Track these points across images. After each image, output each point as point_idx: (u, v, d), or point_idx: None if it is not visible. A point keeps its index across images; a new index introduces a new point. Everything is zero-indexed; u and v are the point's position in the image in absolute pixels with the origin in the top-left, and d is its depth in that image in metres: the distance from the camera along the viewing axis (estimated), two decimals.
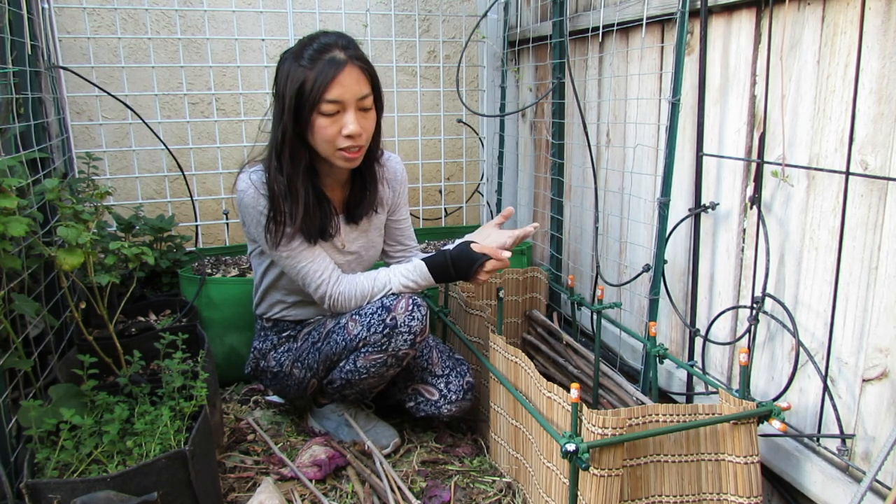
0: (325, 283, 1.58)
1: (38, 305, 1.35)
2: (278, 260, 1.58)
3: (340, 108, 1.44)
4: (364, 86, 1.46)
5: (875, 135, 1.20)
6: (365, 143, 1.51)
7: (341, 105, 1.44)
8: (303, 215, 1.52)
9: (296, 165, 1.50)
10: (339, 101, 1.43)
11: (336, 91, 1.42)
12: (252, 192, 1.52)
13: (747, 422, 1.23)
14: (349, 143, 1.47)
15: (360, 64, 1.45)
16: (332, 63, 1.42)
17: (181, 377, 1.37)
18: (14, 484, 1.16)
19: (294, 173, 1.50)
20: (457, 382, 1.67)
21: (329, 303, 1.59)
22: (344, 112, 1.45)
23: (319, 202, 1.56)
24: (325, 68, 1.41)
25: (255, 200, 1.52)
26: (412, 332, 1.51)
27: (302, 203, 1.51)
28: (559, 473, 1.28)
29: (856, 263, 1.25)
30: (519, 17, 2.50)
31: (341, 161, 1.50)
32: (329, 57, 1.42)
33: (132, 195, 2.41)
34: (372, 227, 1.72)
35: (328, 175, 1.60)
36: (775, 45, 1.39)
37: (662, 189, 1.62)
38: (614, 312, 2.03)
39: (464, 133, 2.79)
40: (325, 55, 1.43)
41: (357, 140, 1.47)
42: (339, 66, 1.42)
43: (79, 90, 2.24)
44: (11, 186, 1.18)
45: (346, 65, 1.43)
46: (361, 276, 1.60)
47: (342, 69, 1.42)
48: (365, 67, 1.47)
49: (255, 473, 1.58)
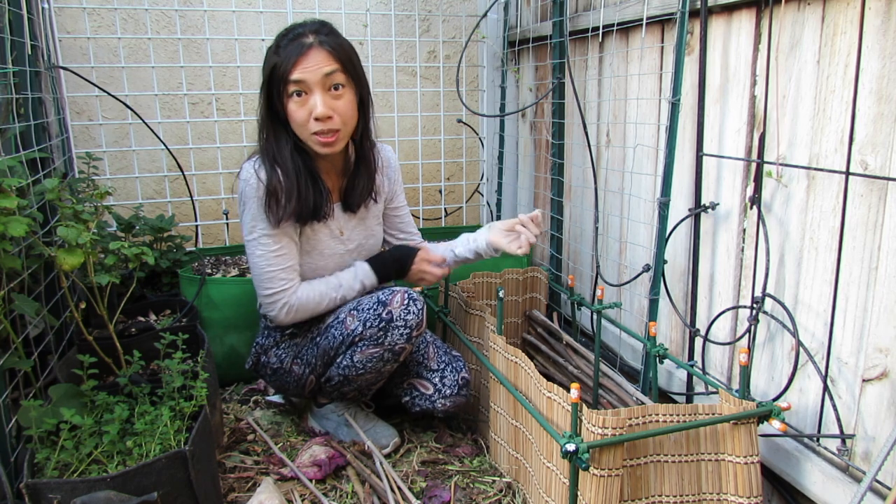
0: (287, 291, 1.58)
1: (38, 305, 1.35)
2: (256, 247, 1.57)
3: (305, 89, 1.46)
4: (330, 67, 1.46)
5: (875, 135, 1.20)
6: (340, 126, 1.51)
7: (305, 85, 1.46)
8: (296, 194, 1.53)
9: (282, 146, 1.54)
10: (302, 80, 1.45)
11: (298, 72, 1.45)
12: (254, 182, 1.54)
13: (747, 422, 1.23)
14: (320, 125, 1.48)
15: (327, 46, 1.47)
16: (298, 46, 1.46)
17: (181, 377, 1.37)
18: (14, 484, 1.16)
19: (280, 154, 1.54)
20: (452, 377, 1.67)
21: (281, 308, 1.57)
22: (311, 94, 1.47)
23: (314, 181, 1.58)
24: (291, 51, 1.45)
25: (257, 189, 1.54)
26: (408, 325, 1.52)
27: (293, 179, 1.53)
28: (559, 473, 1.28)
29: (856, 263, 1.25)
30: (519, 17, 2.50)
31: (317, 146, 1.52)
32: (297, 42, 1.46)
33: (132, 195, 2.41)
34: (370, 215, 1.73)
35: (319, 158, 1.61)
36: (775, 45, 1.39)
37: (662, 189, 1.63)
38: (614, 312, 2.03)
39: (464, 133, 2.79)
40: (295, 41, 1.46)
41: (328, 122, 1.48)
42: (304, 48, 1.45)
43: (79, 90, 2.24)
44: (11, 186, 1.18)
45: (312, 47, 1.46)
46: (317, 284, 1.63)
47: (306, 50, 1.45)
48: (333, 49, 1.47)
49: (255, 473, 1.58)
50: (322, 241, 1.65)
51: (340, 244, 1.67)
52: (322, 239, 1.64)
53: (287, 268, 1.58)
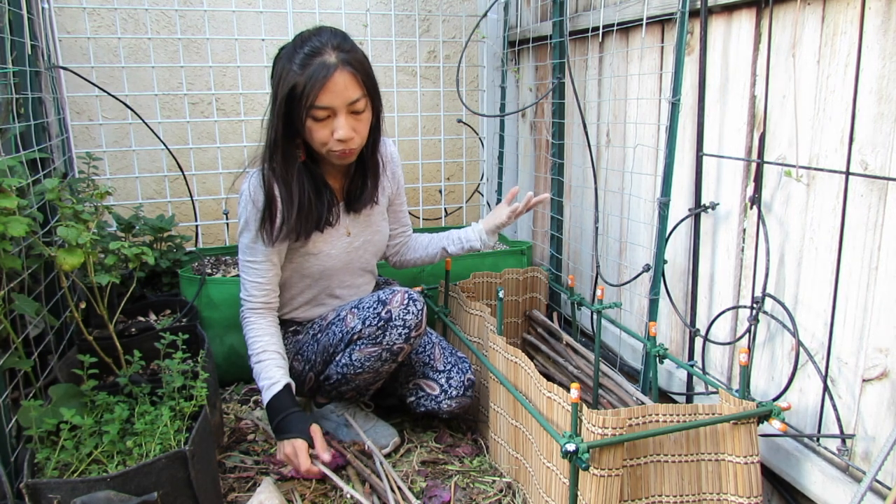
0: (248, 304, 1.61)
1: (38, 305, 1.35)
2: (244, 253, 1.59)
3: (331, 114, 1.45)
4: (355, 90, 1.44)
5: (875, 135, 1.20)
6: (358, 145, 1.52)
7: (331, 111, 1.44)
8: (297, 214, 1.53)
9: (288, 166, 1.52)
10: (329, 107, 1.43)
11: (326, 98, 1.42)
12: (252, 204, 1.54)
13: (747, 422, 1.23)
14: (341, 146, 1.48)
15: (350, 69, 1.43)
16: (322, 67, 1.40)
17: (181, 377, 1.37)
18: (14, 484, 1.16)
19: (287, 174, 1.52)
20: (458, 378, 1.67)
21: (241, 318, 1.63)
22: (335, 117, 1.45)
23: (318, 192, 1.58)
24: (315, 73, 1.40)
25: (255, 210, 1.54)
26: (406, 325, 1.52)
27: (296, 202, 1.53)
28: (559, 473, 1.28)
29: (856, 263, 1.25)
30: (519, 17, 2.50)
31: (335, 159, 1.53)
32: (320, 61, 1.41)
33: (132, 195, 2.41)
34: (375, 212, 1.74)
35: (328, 163, 1.60)
36: (775, 45, 1.39)
37: (662, 189, 1.63)
38: (614, 312, 2.03)
39: (464, 133, 2.79)
40: (316, 59, 1.41)
41: (349, 143, 1.49)
42: (329, 72, 1.40)
43: (79, 90, 2.24)
44: (11, 186, 1.18)
45: (336, 69, 1.41)
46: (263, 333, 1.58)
47: (332, 75, 1.40)
48: (357, 71, 1.44)
49: (255, 473, 1.58)
50: (329, 242, 1.65)
51: (348, 243, 1.68)
52: (328, 240, 1.65)
53: (254, 282, 1.59)
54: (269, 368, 1.54)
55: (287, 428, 1.47)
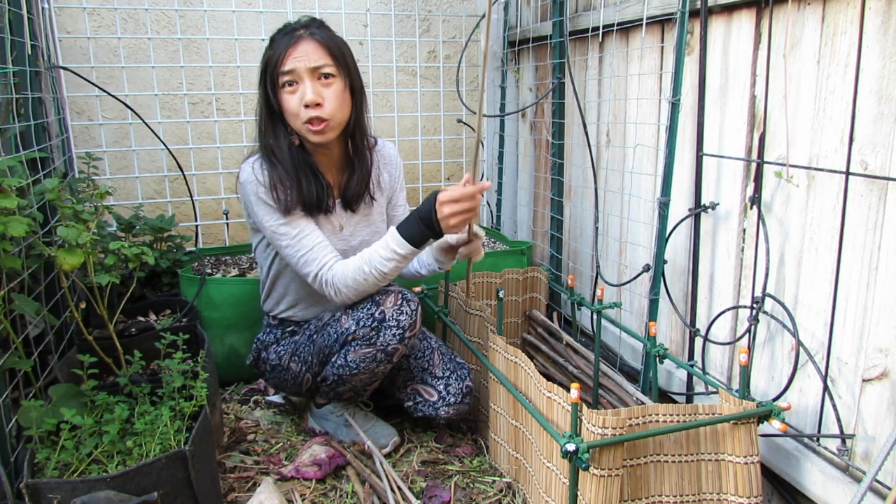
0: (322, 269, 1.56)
1: (38, 305, 1.35)
2: (278, 239, 1.57)
3: (296, 79, 1.50)
4: (320, 56, 1.49)
5: (875, 135, 1.20)
6: (330, 116, 1.51)
7: (296, 74, 1.49)
8: (296, 183, 1.55)
9: (280, 142, 1.56)
10: (292, 70, 1.48)
11: (289, 62, 1.48)
12: (252, 180, 1.55)
13: (747, 422, 1.23)
14: (310, 112, 1.49)
15: (317, 38, 1.50)
16: (289, 38, 1.50)
17: (181, 377, 1.37)
18: (14, 484, 1.16)
19: (278, 146, 1.56)
20: (456, 385, 1.67)
21: (326, 288, 1.56)
22: (301, 83, 1.49)
23: (314, 176, 1.59)
24: (282, 43, 1.50)
25: (256, 187, 1.55)
26: (400, 326, 1.52)
27: (293, 172, 1.55)
28: (559, 473, 1.28)
29: (856, 263, 1.25)
30: (519, 17, 2.50)
31: (309, 134, 1.53)
32: (289, 35, 1.50)
33: (132, 195, 2.41)
34: (374, 212, 1.73)
35: (318, 154, 1.62)
36: (775, 45, 1.39)
37: (662, 189, 1.63)
38: (614, 312, 2.03)
39: (464, 133, 2.79)
40: (287, 34, 1.51)
41: (317, 110, 1.49)
42: (294, 40, 1.49)
43: (79, 90, 2.24)
44: (11, 186, 1.18)
45: (301, 38, 1.49)
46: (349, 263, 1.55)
47: (295, 42, 1.49)
48: (323, 40, 1.50)
49: (255, 473, 1.58)
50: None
51: (342, 241, 1.67)
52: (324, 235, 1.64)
53: (314, 247, 1.56)
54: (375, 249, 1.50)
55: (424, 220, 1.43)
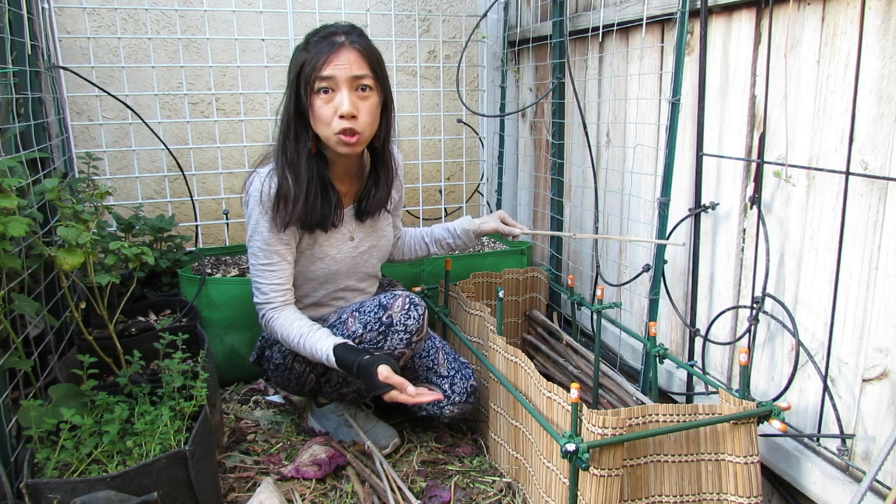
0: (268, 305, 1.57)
1: (38, 305, 1.35)
2: (252, 254, 1.57)
3: (333, 86, 1.45)
4: (361, 67, 1.46)
5: (875, 135, 1.20)
6: (362, 130, 1.48)
7: (334, 82, 1.44)
8: (304, 200, 1.51)
9: (300, 148, 1.51)
10: (331, 77, 1.43)
11: (328, 69, 1.43)
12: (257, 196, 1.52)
13: (747, 422, 1.23)
14: (344, 124, 1.45)
15: (358, 47, 1.46)
16: (329, 44, 1.45)
17: (181, 377, 1.37)
18: (14, 484, 1.16)
19: (298, 157, 1.51)
20: (461, 385, 1.67)
21: (263, 321, 1.60)
22: (338, 91, 1.45)
23: (325, 191, 1.56)
24: (322, 48, 1.44)
25: (260, 204, 1.52)
26: (408, 330, 1.51)
27: (304, 186, 1.51)
28: (559, 473, 1.28)
29: (856, 263, 1.25)
30: (519, 17, 2.50)
31: (340, 146, 1.48)
32: (329, 40, 1.45)
33: (132, 195, 2.41)
34: (381, 217, 1.73)
35: (336, 164, 1.59)
36: (775, 45, 1.39)
37: (662, 189, 1.63)
38: (614, 312, 2.03)
39: (464, 133, 2.79)
40: (326, 39, 1.46)
41: (352, 122, 1.45)
42: (335, 46, 1.44)
43: (79, 90, 2.24)
44: (11, 186, 1.18)
45: (343, 46, 1.45)
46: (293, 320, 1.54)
47: (337, 49, 1.44)
48: (364, 51, 1.47)
49: (255, 473, 1.58)
50: (333, 247, 1.64)
51: (353, 248, 1.67)
52: (333, 244, 1.64)
53: (273, 284, 1.56)
54: (319, 339, 1.49)
55: (370, 362, 1.41)
